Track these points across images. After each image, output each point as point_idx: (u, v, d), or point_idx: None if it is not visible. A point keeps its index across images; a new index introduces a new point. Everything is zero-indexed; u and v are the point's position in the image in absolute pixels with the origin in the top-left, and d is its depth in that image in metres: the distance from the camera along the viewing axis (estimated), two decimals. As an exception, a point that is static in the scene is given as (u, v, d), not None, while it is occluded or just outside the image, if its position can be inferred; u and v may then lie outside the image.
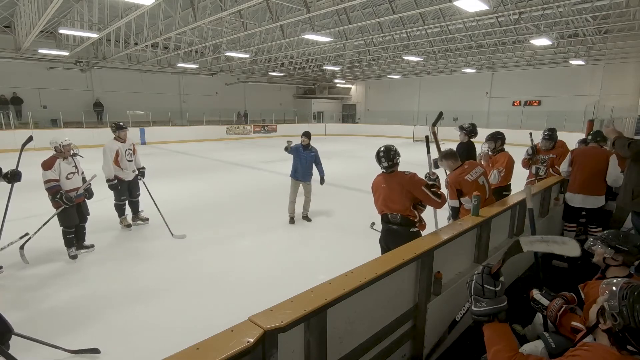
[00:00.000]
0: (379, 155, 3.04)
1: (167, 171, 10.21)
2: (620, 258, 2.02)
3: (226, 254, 4.69)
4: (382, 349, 2.16)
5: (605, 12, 10.89)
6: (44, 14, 8.95)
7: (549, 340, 2.03)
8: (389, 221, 3.08)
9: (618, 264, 2.04)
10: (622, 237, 2.05)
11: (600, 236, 2.14)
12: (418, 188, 2.95)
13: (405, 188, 2.95)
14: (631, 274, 2.03)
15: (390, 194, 3.00)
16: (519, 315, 3.03)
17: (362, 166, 12.18)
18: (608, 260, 2.07)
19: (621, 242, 2.02)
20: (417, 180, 2.99)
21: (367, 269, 1.96)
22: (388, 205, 3.03)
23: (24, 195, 7.19)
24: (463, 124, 5.24)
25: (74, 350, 2.68)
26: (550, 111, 19.50)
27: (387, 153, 3.01)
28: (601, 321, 1.30)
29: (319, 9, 9.13)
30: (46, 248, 4.73)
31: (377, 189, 3.14)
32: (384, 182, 3.06)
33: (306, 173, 5.77)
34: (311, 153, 5.74)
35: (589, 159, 4.21)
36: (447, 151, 3.67)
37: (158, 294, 3.63)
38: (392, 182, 3.01)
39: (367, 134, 24.87)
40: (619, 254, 2.02)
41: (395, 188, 2.97)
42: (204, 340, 1.31)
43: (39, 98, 17.93)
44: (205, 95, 23.68)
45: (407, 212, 2.98)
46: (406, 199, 2.96)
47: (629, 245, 2.00)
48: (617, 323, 1.23)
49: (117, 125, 5.29)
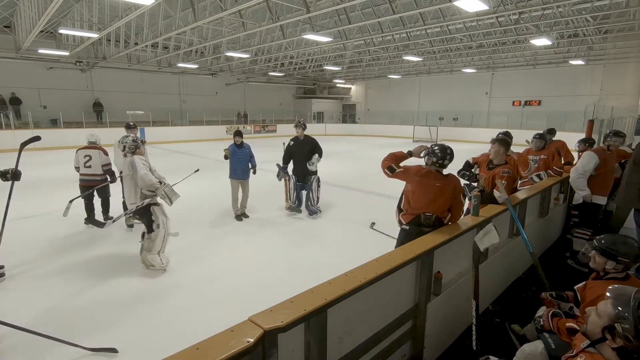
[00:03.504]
0: (444, 152, 2.89)
1: (167, 171, 10.18)
2: (621, 267, 2.01)
3: (226, 254, 4.69)
4: (382, 349, 2.16)
5: (605, 12, 10.88)
6: (44, 14, 8.95)
7: (549, 340, 2.04)
8: (420, 223, 2.89)
9: (618, 272, 2.04)
10: (621, 245, 2.02)
11: (598, 245, 2.08)
12: (460, 194, 2.98)
13: (454, 192, 2.92)
14: (628, 275, 2.04)
15: (442, 195, 2.88)
16: (519, 316, 3.04)
17: (362, 166, 12.19)
18: (609, 270, 2.05)
19: (621, 253, 1.99)
20: (462, 187, 3.04)
21: (367, 269, 1.96)
22: (434, 204, 2.87)
23: (21, 195, 7.20)
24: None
25: (92, 348, 2.68)
26: (550, 111, 19.50)
27: (452, 155, 2.94)
28: (609, 338, 1.28)
29: (319, 9, 9.13)
30: (45, 249, 4.73)
31: (427, 186, 2.89)
32: (438, 181, 2.89)
33: (245, 171, 5.89)
34: (245, 150, 5.91)
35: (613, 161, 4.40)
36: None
37: (158, 294, 3.63)
38: (448, 183, 2.90)
39: (367, 134, 24.88)
40: (620, 264, 2.01)
41: (449, 191, 2.90)
42: (204, 340, 1.31)
43: (39, 98, 17.92)
44: (205, 95, 23.67)
45: (443, 213, 2.91)
46: (449, 203, 2.92)
47: (630, 256, 1.98)
48: (633, 344, 1.21)
49: (127, 125, 5.71)
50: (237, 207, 6.01)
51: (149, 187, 3.95)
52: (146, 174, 3.92)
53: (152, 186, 3.94)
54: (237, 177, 5.84)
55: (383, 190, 8.03)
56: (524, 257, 4.00)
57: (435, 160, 2.91)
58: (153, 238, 4.00)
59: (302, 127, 6.04)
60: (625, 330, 1.22)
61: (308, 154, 5.91)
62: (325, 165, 6.05)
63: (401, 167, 2.99)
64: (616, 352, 1.26)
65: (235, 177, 5.85)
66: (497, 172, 3.46)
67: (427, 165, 2.98)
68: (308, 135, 6.13)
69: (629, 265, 2.00)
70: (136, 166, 3.91)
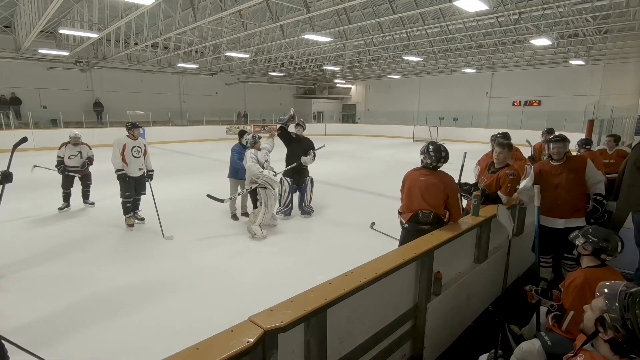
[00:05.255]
0: (439, 155, 2.92)
1: (167, 171, 10.20)
2: (590, 248, 2.14)
3: (226, 254, 4.69)
4: (382, 349, 2.16)
5: (605, 12, 10.88)
6: (44, 14, 8.95)
7: (545, 338, 2.08)
8: (419, 221, 2.94)
9: (587, 254, 2.16)
10: (598, 230, 2.17)
11: (585, 228, 2.26)
12: (455, 192, 2.96)
13: (444, 187, 2.91)
14: (604, 264, 2.13)
15: (428, 188, 2.91)
16: (518, 316, 3.04)
17: (362, 166, 12.19)
18: (579, 249, 2.20)
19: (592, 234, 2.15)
20: (455, 185, 3.02)
21: (367, 269, 1.96)
22: (425, 198, 2.90)
23: (18, 196, 7.21)
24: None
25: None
26: (550, 111, 19.50)
27: (447, 155, 2.96)
28: (601, 330, 1.31)
29: (319, 9, 9.13)
30: (44, 248, 4.74)
31: (413, 181, 3.00)
32: (423, 175, 2.96)
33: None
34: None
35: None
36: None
37: (158, 294, 3.63)
38: (433, 177, 2.93)
39: (367, 134, 24.87)
40: (587, 244, 2.15)
41: (435, 184, 2.90)
42: (204, 340, 1.31)
43: (39, 98, 17.92)
44: (205, 95, 23.67)
45: (440, 210, 2.92)
46: (441, 198, 2.91)
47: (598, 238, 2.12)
48: (621, 334, 1.23)
49: (132, 124, 5.68)
50: (235, 207, 6.01)
51: (252, 176, 5.06)
52: (251, 165, 5.00)
53: (254, 175, 5.04)
54: (237, 177, 5.83)
55: (383, 190, 8.04)
56: (524, 257, 4.01)
57: (429, 162, 2.96)
58: (256, 213, 5.16)
59: (302, 127, 6.26)
60: (613, 319, 1.25)
61: (305, 153, 6.01)
62: (325, 165, 6.06)
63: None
64: (609, 346, 1.28)
65: (236, 177, 5.84)
66: (502, 175, 3.45)
67: (421, 163, 3.04)
68: (305, 136, 6.29)
69: (598, 248, 2.11)
70: (246, 158, 5.08)
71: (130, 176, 5.46)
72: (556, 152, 3.33)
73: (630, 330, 1.21)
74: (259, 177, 5.03)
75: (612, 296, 1.29)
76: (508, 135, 4.43)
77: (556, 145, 3.34)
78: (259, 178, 5.03)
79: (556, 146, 3.34)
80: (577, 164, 3.34)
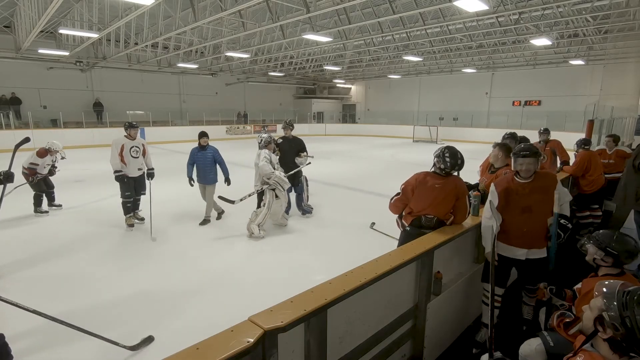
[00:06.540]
0: (455, 157, 2.78)
1: (167, 171, 10.20)
2: (610, 260, 2.03)
3: (226, 254, 4.69)
4: (382, 349, 2.16)
5: (605, 12, 10.88)
6: (44, 14, 8.95)
7: (548, 338, 2.07)
8: (421, 225, 2.85)
9: (608, 265, 2.05)
10: (616, 239, 2.03)
11: (593, 235, 2.13)
12: (465, 195, 2.88)
13: (458, 193, 2.82)
14: (623, 272, 2.05)
15: (443, 196, 2.80)
16: (518, 316, 3.04)
17: (362, 166, 12.18)
18: (598, 261, 2.08)
19: (613, 245, 2.01)
20: (466, 189, 2.96)
21: (367, 269, 1.96)
22: (436, 206, 2.81)
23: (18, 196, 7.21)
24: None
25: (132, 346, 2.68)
26: (550, 111, 19.49)
27: (463, 163, 2.84)
28: (600, 329, 1.31)
29: (319, 9, 9.13)
30: (44, 248, 4.74)
31: (426, 189, 2.83)
32: (438, 182, 2.82)
33: (206, 175, 5.76)
34: (208, 154, 5.84)
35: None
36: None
37: (157, 294, 3.63)
38: (448, 184, 2.81)
39: (367, 134, 24.86)
40: (609, 256, 2.02)
41: (451, 192, 2.80)
42: (204, 340, 1.31)
43: (39, 98, 17.91)
44: (205, 95, 23.66)
45: (445, 216, 2.84)
46: (451, 204, 2.83)
47: (620, 249, 1.99)
48: (619, 333, 1.23)
49: (129, 124, 5.63)
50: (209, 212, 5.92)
51: (264, 175, 5.10)
52: (264, 165, 5.04)
53: (266, 175, 5.07)
54: (199, 181, 5.79)
55: (383, 190, 8.03)
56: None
57: (442, 167, 2.82)
58: (258, 212, 5.20)
59: (290, 128, 6.13)
60: (612, 317, 1.25)
61: (297, 153, 6.00)
62: (325, 165, 6.06)
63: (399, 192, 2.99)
64: (609, 345, 1.28)
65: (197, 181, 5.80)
66: (500, 174, 3.44)
67: (433, 166, 2.90)
68: (296, 136, 6.20)
69: (619, 259, 2.01)
70: (259, 158, 5.12)
71: (129, 176, 5.46)
72: (524, 169, 2.57)
73: (629, 328, 1.21)
74: (270, 178, 5.09)
75: (610, 295, 1.29)
76: (516, 136, 4.39)
77: (525, 160, 2.56)
78: (270, 178, 5.09)
79: (525, 162, 2.56)
80: (548, 181, 2.67)
